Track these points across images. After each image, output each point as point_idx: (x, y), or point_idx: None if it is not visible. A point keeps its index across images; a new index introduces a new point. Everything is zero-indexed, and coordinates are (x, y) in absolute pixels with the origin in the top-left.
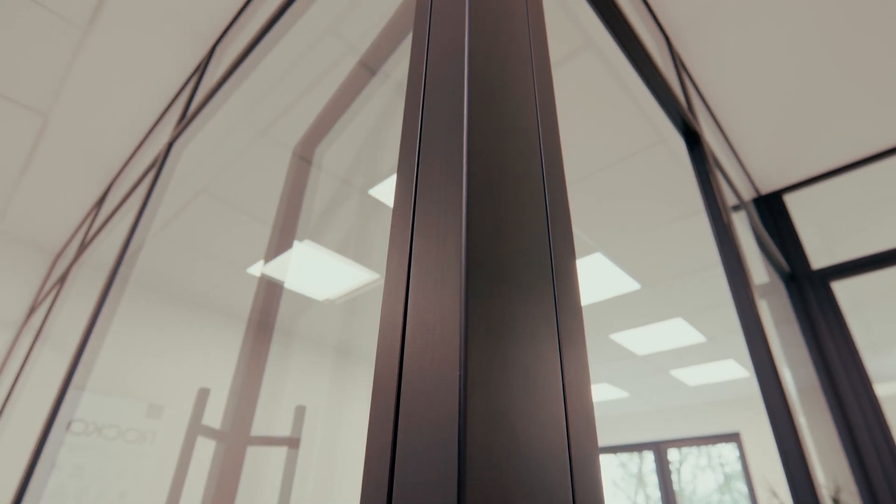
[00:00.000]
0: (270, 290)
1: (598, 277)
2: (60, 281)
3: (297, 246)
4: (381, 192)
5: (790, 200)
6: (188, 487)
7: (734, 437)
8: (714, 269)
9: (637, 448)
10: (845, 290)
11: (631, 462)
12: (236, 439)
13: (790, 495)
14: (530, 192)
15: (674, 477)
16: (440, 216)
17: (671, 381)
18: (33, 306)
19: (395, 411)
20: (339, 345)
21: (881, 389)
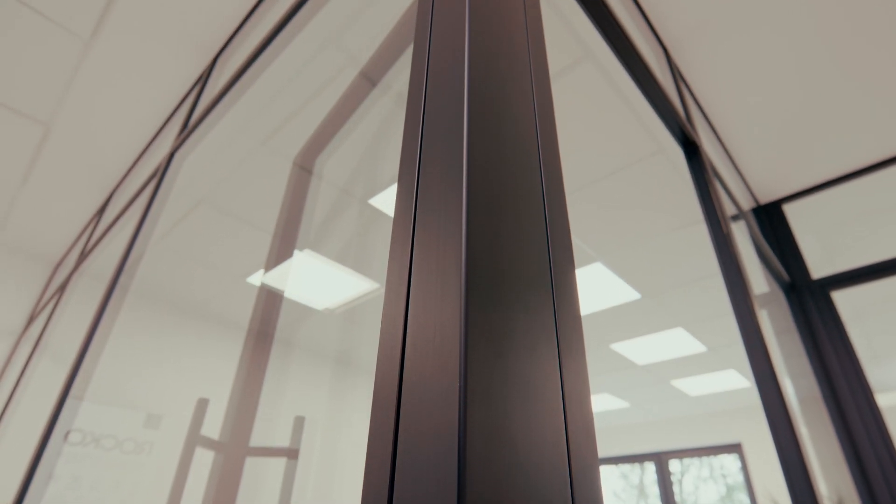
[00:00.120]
0: (270, 300)
1: (599, 287)
2: (60, 290)
3: (297, 255)
4: (381, 201)
5: (789, 210)
6: (186, 499)
7: (736, 448)
8: (714, 279)
9: (638, 459)
10: (845, 299)
11: (632, 473)
12: (235, 450)
13: None
14: (530, 202)
15: (675, 488)
16: (440, 227)
17: (672, 391)
18: (32, 315)
19: (395, 422)
20: (339, 354)
21: (883, 399)
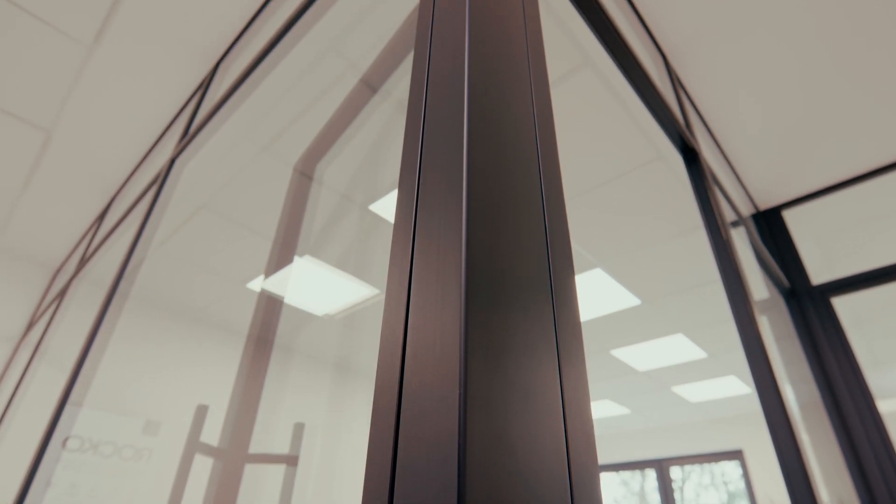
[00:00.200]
0: (270, 306)
1: (599, 293)
2: (60, 296)
3: (297, 261)
4: (381, 207)
5: (789, 216)
6: None
7: (737, 455)
8: (714, 285)
9: (639, 466)
10: (846, 305)
11: (633, 480)
12: (234, 456)
13: None
14: (529, 208)
15: (677, 495)
16: (440, 234)
17: (673, 397)
18: (32, 321)
19: (395, 429)
20: (339, 360)
21: (884, 406)
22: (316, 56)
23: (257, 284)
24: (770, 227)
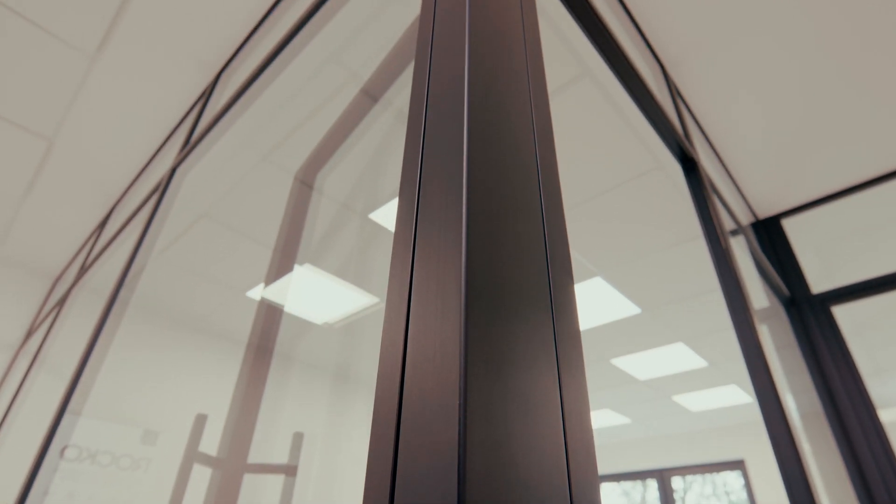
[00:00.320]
0: (270, 314)
1: (599, 301)
2: (59, 304)
3: (297, 269)
4: (381, 215)
5: (788, 225)
6: None
7: (739, 465)
8: (714, 294)
9: (640, 476)
10: (846, 314)
11: (634, 490)
12: (233, 466)
13: None
14: (529, 218)
15: None
16: (440, 244)
17: (673, 406)
18: (31, 329)
19: (395, 439)
20: (338, 369)
21: (885, 415)
22: (317, 66)
23: (257, 293)
24: (769, 235)
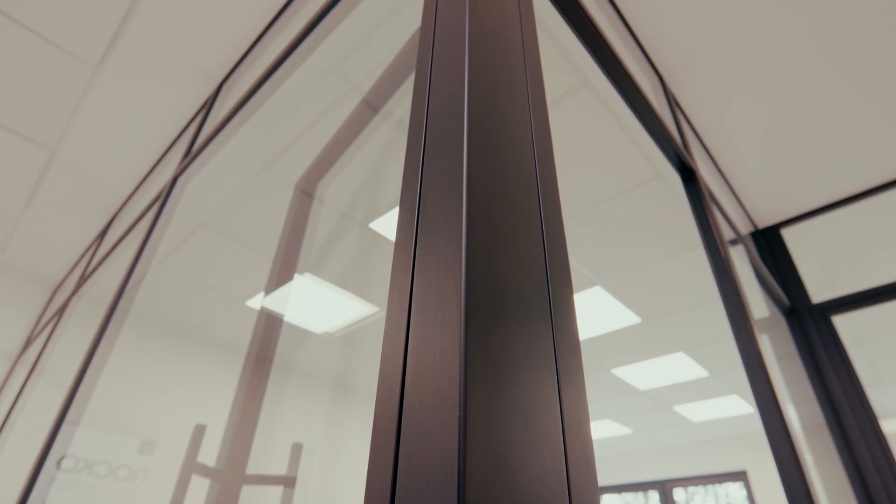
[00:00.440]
0: (269, 323)
1: (599, 311)
2: (58, 313)
3: (296, 278)
4: (381, 225)
5: (788, 234)
6: None
7: (741, 476)
8: (715, 303)
9: (642, 487)
10: (847, 323)
11: (636, 502)
12: (231, 477)
13: None
14: (528, 227)
15: None
16: (440, 254)
17: (675, 417)
18: (30, 339)
19: (395, 450)
20: (337, 379)
21: (887, 425)
22: (318, 77)
23: (257, 302)
24: (769, 245)
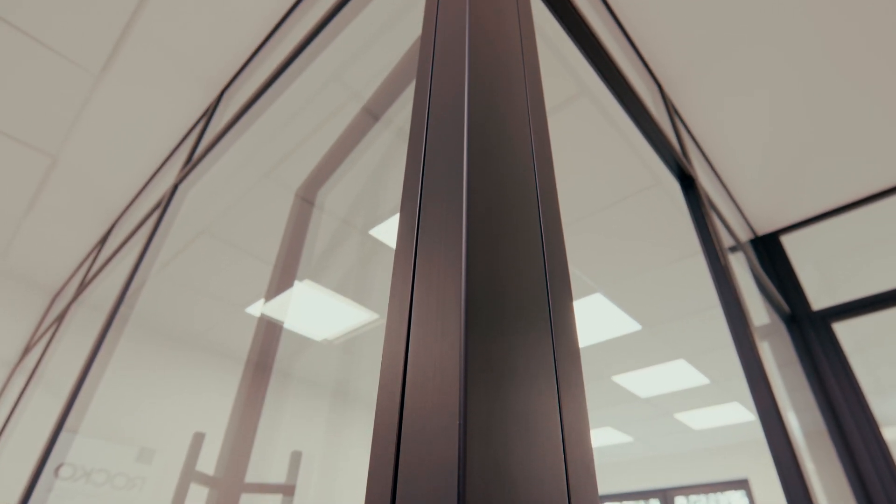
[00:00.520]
0: (269, 330)
1: (599, 318)
2: (58, 320)
3: (296, 285)
4: (381, 232)
5: (787, 241)
6: None
7: (743, 484)
8: (715, 310)
9: (643, 496)
10: (847, 330)
11: None
12: (230, 486)
13: None
14: (528, 235)
15: None
16: (441, 261)
17: (676, 424)
18: (29, 345)
19: (395, 458)
20: (337, 386)
21: (889, 433)
22: (319, 85)
23: (257, 309)
24: (769, 252)
